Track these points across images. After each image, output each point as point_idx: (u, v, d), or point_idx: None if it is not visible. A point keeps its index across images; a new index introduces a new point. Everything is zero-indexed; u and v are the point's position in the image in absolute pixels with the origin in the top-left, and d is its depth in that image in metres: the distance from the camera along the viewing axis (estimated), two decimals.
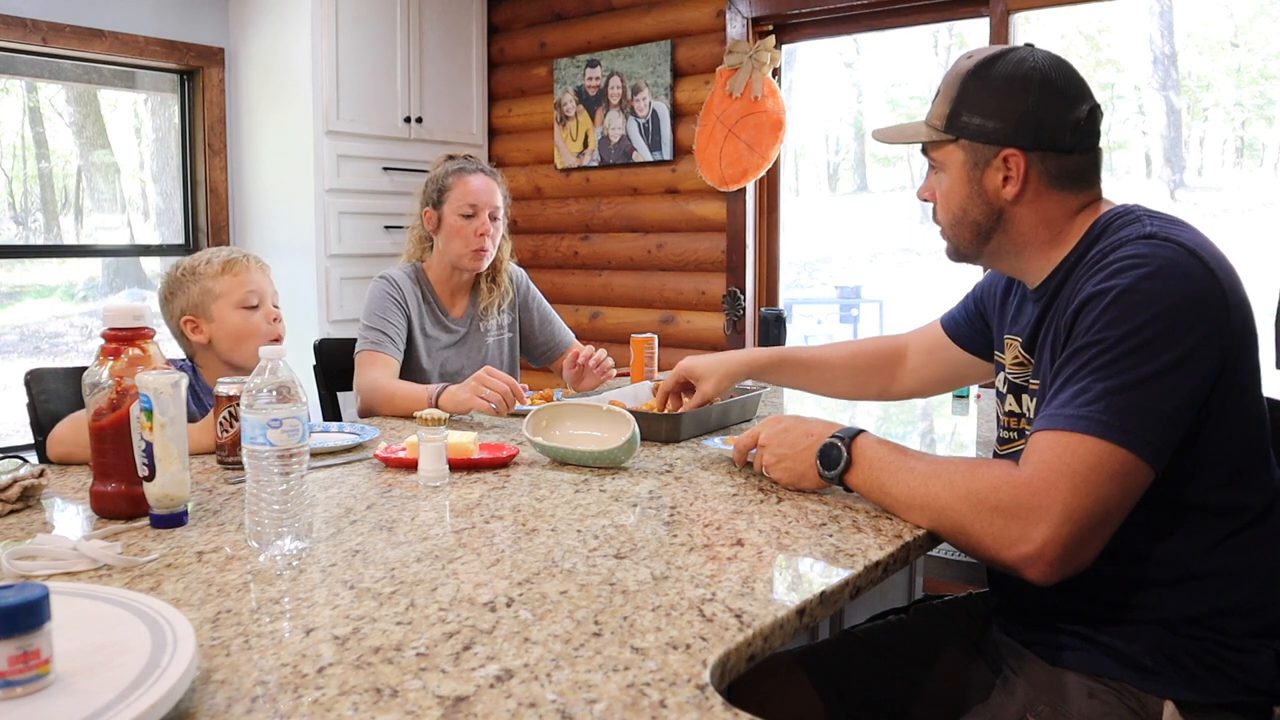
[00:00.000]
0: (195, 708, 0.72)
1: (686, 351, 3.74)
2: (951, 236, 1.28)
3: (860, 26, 3.37)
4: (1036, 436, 1.04)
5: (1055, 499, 0.98)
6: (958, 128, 1.21)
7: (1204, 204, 8.19)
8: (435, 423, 1.39)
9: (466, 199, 2.21)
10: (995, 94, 1.18)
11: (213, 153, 3.83)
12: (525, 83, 4.17)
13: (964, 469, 1.09)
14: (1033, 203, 1.19)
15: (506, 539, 1.14)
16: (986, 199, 1.21)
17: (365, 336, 2.15)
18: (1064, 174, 1.19)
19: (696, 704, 0.73)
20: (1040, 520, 0.99)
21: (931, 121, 1.25)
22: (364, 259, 3.68)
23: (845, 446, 1.22)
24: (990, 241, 1.24)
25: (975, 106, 1.19)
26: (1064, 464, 0.99)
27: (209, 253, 1.83)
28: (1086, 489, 0.98)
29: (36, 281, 4.14)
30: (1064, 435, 1.01)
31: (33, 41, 3.29)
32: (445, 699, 0.73)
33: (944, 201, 1.26)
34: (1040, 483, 1.00)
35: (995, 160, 1.19)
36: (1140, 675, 1.09)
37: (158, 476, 1.16)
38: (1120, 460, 0.99)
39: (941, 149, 1.24)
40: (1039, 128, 1.17)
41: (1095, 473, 0.99)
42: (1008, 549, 1.01)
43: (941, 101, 1.23)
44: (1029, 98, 1.17)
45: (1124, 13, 7.52)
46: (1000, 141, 1.18)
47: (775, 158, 3.45)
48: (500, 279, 2.34)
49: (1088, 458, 0.99)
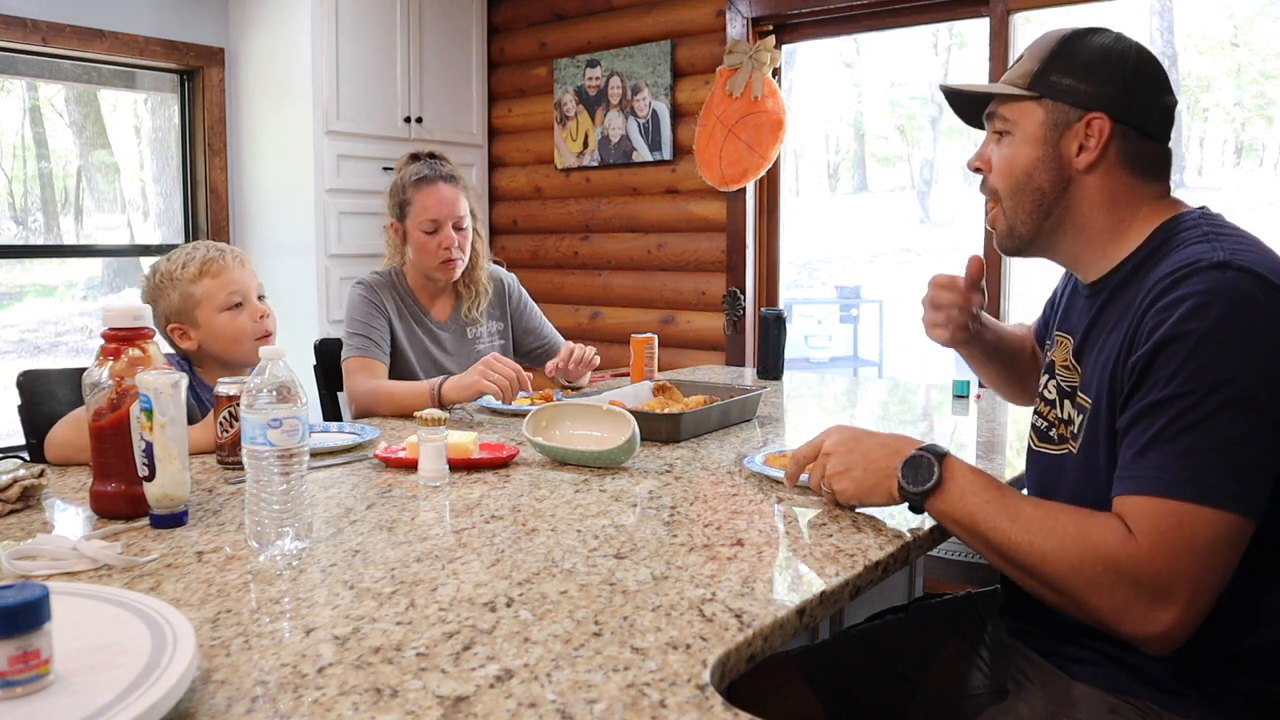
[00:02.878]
0: (195, 708, 0.72)
1: (686, 351, 3.74)
2: (1010, 208, 1.20)
3: (860, 26, 3.37)
4: (1143, 501, 0.97)
5: (1181, 578, 0.94)
6: (1045, 85, 1.15)
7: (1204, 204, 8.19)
8: (435, 423, 1.39)
9: (427, 214, 2.16)
10: (1091, 59, 1.14)
11: (213, 153, 3.83)
12: (525, 83, 4.17)
13: (1075, 532, 1.00)
14: (1103, 178, 1.14)
15: (506, 539, 1.14)
16: (1058, 163, 1.15)
17: (350, 343, 2.15)
18: (1141, 157, 1.14)
19: (696, 704, 0.73)
20: (1168, 602, 0.94)
21: (1013, 80, 1.19)
22: (364, 259, 3.68)
23: (938, 463, 1.11)
24: (1051, 216, 1.17)
25: (1068, 68, 1.14)
26: (1186, 539, 0.94)
27: (183, 253, 1.76)
28: (1211, 565, 0.94)
29: (36, 281, 4.14)
30: (1177, 505, 0.95)
31: (33, 41, 3.29)
32: (445, 699, 0.73)
33: (1007, 165, 1.18)
34: (1164, 560, 0.94)
35: (1077, 124, 1.13)
36: (1163, 695, 1.06)
37: (158, 476, 1.16)
38: (1236, 528, 0.95)
39: (1017, 107, 1.17)
40: (1130, 100, 1.13)
41: (1218, 545, 0.94)
42: (1130, 625, 0.96)
43: (1027, 62, 1.18)
44: (1125, 69, 1.13)
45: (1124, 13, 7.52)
46: (1088, 105, 1.13)
47: (775, 158, 3.45)
48: (477, 278, 2.31)
49: (1208, 531, 0.94)
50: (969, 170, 1.27)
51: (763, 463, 1.47)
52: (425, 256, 2.20)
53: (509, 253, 4.25)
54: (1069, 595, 1.00)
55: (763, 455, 1.51)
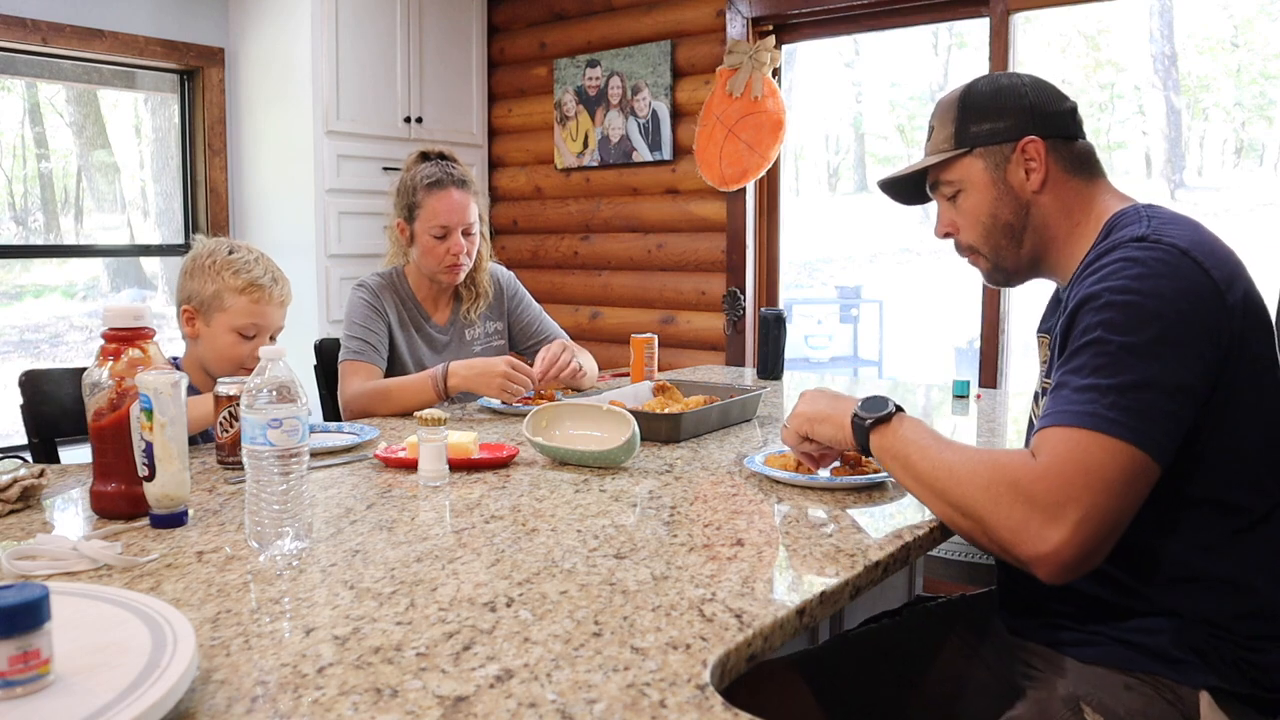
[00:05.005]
0: (195, 708, 0.72)
1: (686, 351, 3.74)
2: (989, 251, 1.30)
3: (860, 26, 3.37)
4: (1048, 431, 1.04)
5: (1073, 499, 0.98)
6: (969, 138, 1.27)
7: (1204, 204, 8.18)
8: (435, 423, 1.39)
9: (437, 220, 2.14)
10: (994, 99, 1.26)
11: (213, 152, 3.83)
12: (525, 83, 4.17)
13: (988, 458, 1.08)
14: (1053, 190, 1.25)
15: (506, 539, 1.14)
16: (1014, 195, 1.26)
17: (348, 346, 2.14)
18: (1075, 159, 1.25)
19: (696, 704, 0.73)
20: (1058, 520, 0.98)
21: (938, 148, 1.30)
22: (364, 259, 3.68)
23: (894, 406, 1.21)
24: (1024, 243, 1.27)
25: (980, 116, 1.26)
26: (1079, 461, 0.99)
27: (242, 258, 1.73)
28: (1104, 489, 0.98)
29: (36, 281, 4.14)
30: (1076, 431, 1.01)
31: (33, 41, 3.29)
32: (445, 699, 0.73)
33: (971, 217, 1.29)
34: (1057, 479, 0.99)
35: (1015, 155, 1.24)
36: (1172, 667, 1.09)
37: (158, 476, 1.16)
38: (1132, 459, 0.99)
39: (956, 167, 1.29)
40: (1044, 116, 1.24)
41: (1111, 472, 0.99)
42: (1022, 544, 1.00)
43: (942, 126, 1.30)
44: (1025, 95, 1.25)
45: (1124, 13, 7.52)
46: (1016, 135, 1.24)
47: (775, 158, 3.45)
48: (480, 281, 2.31)
49: (1102, 456, 0.99)
50: (937, 239, 1.37)
51: (763, 463, 1.47)
52: (431, 260, 2.19)
53: (509, 253, 4.24)
54: (975, 515, 1.05)
55: (763, 455, 1.51)
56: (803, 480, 1.38)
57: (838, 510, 1.28)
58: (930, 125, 1.33)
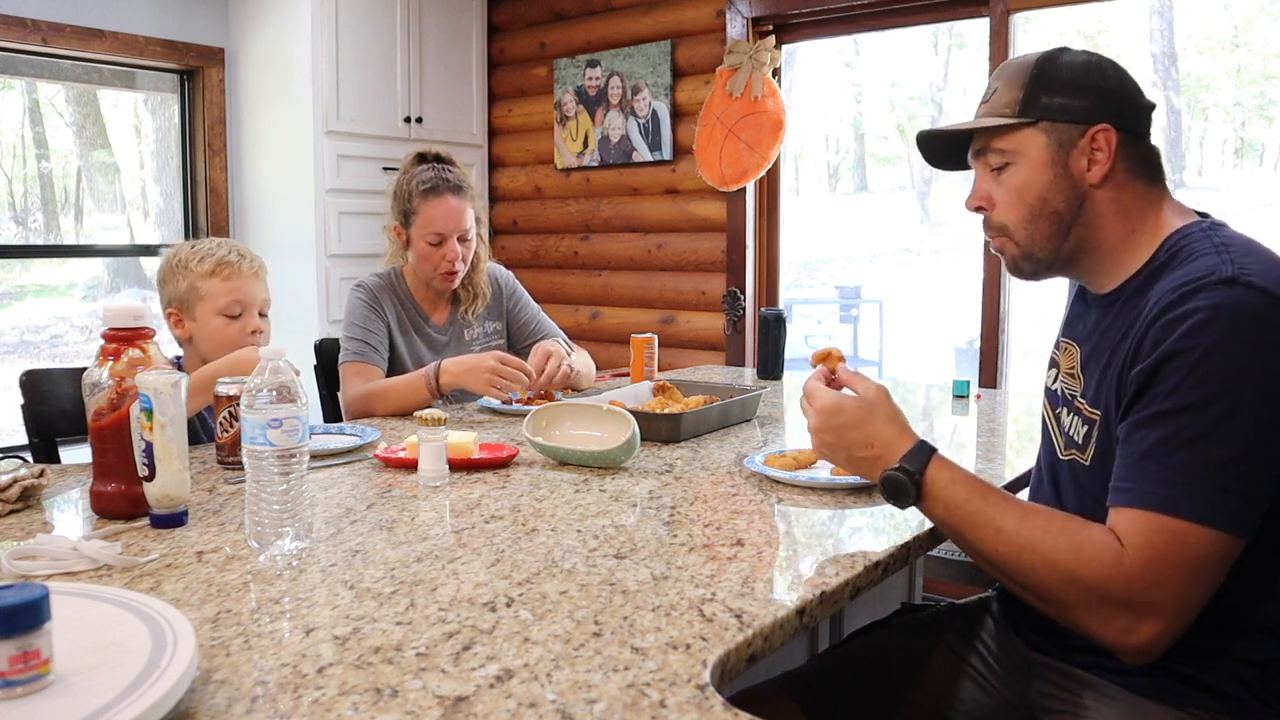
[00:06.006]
0: (195, 708, 0.72)
1: (686, 351, 3.74)
2: (1026, 237, 1.17)
3: (860, 26, 3.37)
4: (1136, 515, 0.97)
5: (1169, 595, 0.94)
6: (1038, 109, 1.13)
7: (1204, 204, 8.16)
8: (435, 423, 1.39)
9: (433, 227, 2.14)
10: (1074, 76, 1.13)
11: (213, 153, 3.83)
12: (525, 83, 4.17)
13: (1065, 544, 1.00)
14: (1114, 189, 1.13)
15: (506, 539, 1.14)
16: (1072, 183, 1.13)
17: (347, 348, 2.15)
18: (1143, 160, 1.14)
19: (696, 704, 0.73)
20: (1153, 617, 0.95)
21: (998, 110, 1.16)
22: (364, 259, 3.68)
23: (914, 483, 1.10)
24: (1070, 237, 1.15)
25: (1055, 89, 1.13)
26: (1175, 556, 0.94)
27: (205, 246, 1.77)
28: (1199, 583, 0.94)
29: (36, 281, 4.14)
30: (1172, 521, 0.95)
31: (33, 41, 3.29)
32: (445, 699, 0.73)
33: (1016, 196, 1.16)
34: (1153, 577, 0.94)
35: (1082, 140, 1.12)
36: (1229, 704, 1.04)
37: (158, 476, 1.16)
38: (1228, 546, 0.95)
39: (1014, 137, 1.15)
40: (1124, 105, 1.13)
41: (1208, 564, 0.94)
42: (1112, 636, 0.97)
43: (1008, 89, 1.15)
44: (1108, 79, 1.13)
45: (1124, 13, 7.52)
46: (1090, 118, 1.11)
47: (775, 158, 3.45)
48: (477, 282, 2.31)
49: (1201, 549, 0.94)
50: (968, 211, 1.24)
51: (763, 463, 1.47)
52: (426, 266, 2.19)
53: (509, 253, 4.24)
54: (1056, 605, 1.01)
55: (763, 455, 1.51)
56: (803, 480, 1.38)
57: (838, 510, 1.28)
58: (992, 86, 1.18)
